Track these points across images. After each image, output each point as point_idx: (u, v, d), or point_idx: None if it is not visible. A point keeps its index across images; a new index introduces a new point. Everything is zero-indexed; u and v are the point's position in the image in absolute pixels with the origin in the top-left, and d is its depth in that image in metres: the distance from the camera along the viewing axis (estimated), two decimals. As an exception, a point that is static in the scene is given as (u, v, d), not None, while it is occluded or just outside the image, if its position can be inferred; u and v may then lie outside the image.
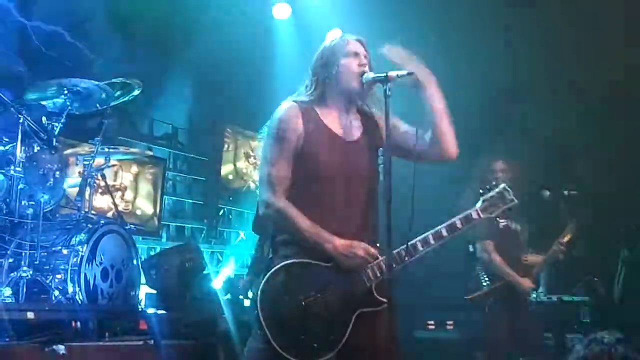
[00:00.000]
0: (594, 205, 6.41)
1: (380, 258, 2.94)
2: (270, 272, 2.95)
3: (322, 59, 3.13)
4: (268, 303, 2.91)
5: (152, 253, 6.98)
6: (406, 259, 2.95)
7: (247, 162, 8.60)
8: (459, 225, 3.05)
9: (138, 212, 6.95)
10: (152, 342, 4.55)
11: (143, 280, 5.57)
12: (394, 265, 2.86)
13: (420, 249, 2.99)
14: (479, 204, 3.12)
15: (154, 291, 5.64)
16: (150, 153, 7.03)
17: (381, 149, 2.95)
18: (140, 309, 5.20)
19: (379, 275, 2.94)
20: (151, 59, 6.99)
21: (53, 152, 4.73)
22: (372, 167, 3.07)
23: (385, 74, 2.95)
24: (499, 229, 5.21)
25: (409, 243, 2.96)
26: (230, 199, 8.49)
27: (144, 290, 5.83)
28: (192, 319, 5.13)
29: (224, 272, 7.61)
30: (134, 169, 6.84)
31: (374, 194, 3.05)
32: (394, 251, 2.89)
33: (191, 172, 8.35)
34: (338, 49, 3.11)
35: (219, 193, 8.35)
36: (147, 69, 6.73)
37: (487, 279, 5.19)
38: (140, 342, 4.55)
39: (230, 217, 8.64)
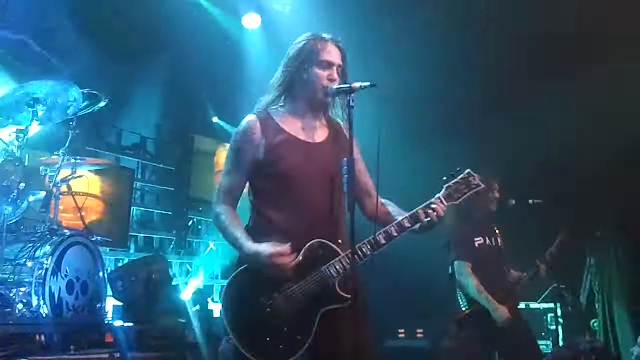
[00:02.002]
0: (558, 214, 6.51)
1: (342, 254, 2.95)
2: (232, 276, 2.99)
3: (298, 58, 3.12)
4: (232, 307, 2.94)
5: (119, 264, 6.91)
6: (369, 253, 2.96)
7: (218, 172, 8.57)
8: (422, 215, 3.02)
9: (105, 223, 6.86)
10: (118, 354, 4.49)
11: (110, 292, 5.51)
12: (358, 261, 2.86)
13: (383, 242, 2.99)
14: (442, 192, 3.08)
15: (120, 303, 5.57)
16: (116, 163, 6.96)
17: (344, 159, 2.95)
18: (106, 322, 5.14)
19: (341, 272, 2.93)
20: (119, 68, 6.93)
21: (17, 163, 4.67)
22: (336, 167, 3.00)
23: (349, 86, 2.98)
24: (474, 248, 5.10)
25: (373, 236, 2.97)
26: (200, 209, 8.44)
27: (111, 303, 5.79)
28: (159, 331, 5.08)
29: (193, 283, 7.56)
30: (101, 179, 6.76)
31: (340, 193, 3.03)
32: (357, 245, 2.86)
33: (160, 182, 8.29)
34: (314, 55, 3.09)
35: (188, 203, 8.30)
36: (115, 78, 6.70)
37: (465, 301, 5.08)
38: (106, 355, 4.50)
39: (200, 227, 8.59)
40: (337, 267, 2.94)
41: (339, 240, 2.98)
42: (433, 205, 3.04)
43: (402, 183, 4.45)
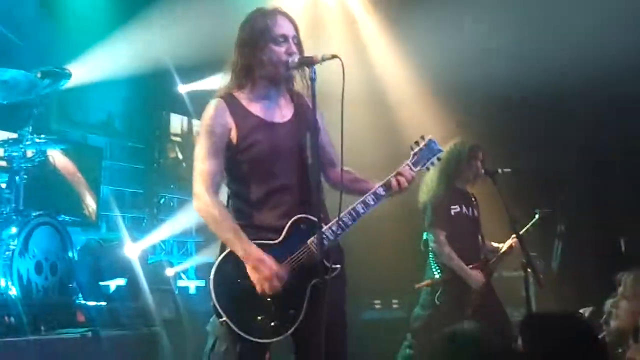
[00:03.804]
0: (529, 182, 6.58)
1: (325, 227, 2.96)
2: (219, 258, 2.97)
3: (251, 41, 3.07)
4: (221, 289, 2.91)
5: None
6: (350, 223, 3.01)
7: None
8: (394, 183, 3.10)
9: (75, 203, 6.78)
10: (90, 334, 4.47)
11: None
12: (332, 237, 2.96)
13: (362, 211, 3.05)
14: (409, 159, 3.20)
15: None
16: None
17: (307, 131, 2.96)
18: (77, 301, 5.10)
19: (326, 244, 2.93)
20: (83, 45, 6.80)
21: (-22, 144, 4.58)
22: (305, 146, 3.06)
23: (310, 57, 2.96)
24: (451, 216, 5.07)
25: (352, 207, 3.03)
26: (172, 187, 8.37)
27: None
28: (132, 309, 5.06)
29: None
30: (69, 158, 6.65)
31: (308, 171, 3.05)
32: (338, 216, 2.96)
33: (129, 160, 8.19)
34: (267, 33, 3.05)
35: (159, 181, 8.22)
36: (80, 55, 6.58)
37: (439, 269, 5.06)
38: (78, 335, 4.48)
39: (172, 205, 8.52)
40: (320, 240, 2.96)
41: (320, 216, 2.96)
42: (402, 172, 3.13)
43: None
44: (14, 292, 4.49)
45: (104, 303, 5.34)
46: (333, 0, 7.93)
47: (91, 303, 5.28)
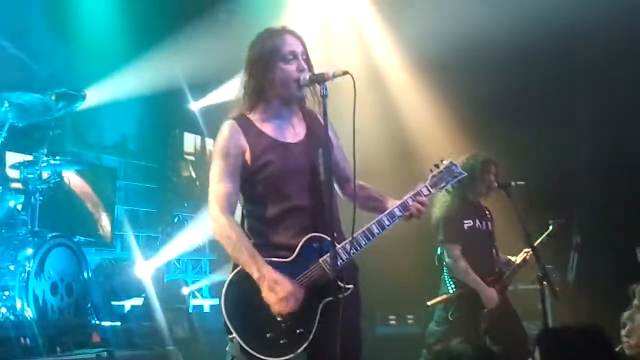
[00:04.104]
0: (543, 194, 6.55)
1: (338, 246, 2.96)
2: (231, 275, 2.97)
3: (260, 61, 3.10)
4: (232, 305, 2.92)
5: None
6: (364, 243, 3.01)
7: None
8: (410, 204, 3.11)
9: (89, 223, 6.83)
10: (105, 354, 4.48)
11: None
12: (346, 256, 2.95)
13: (377, 231, 3.05)
14: (427, 180, 3.21)
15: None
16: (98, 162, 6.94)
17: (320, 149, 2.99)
18: (93, 322, 5.11)
19: (337, 263, 2.93)
20: (97, 67, 6.88)
21: (-6, 166, 4.63)
22: (318, 165, 3.08)
23: (321, 74, 2.99)
24: (464, 231, 5.03)
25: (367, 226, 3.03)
26: (185, 205, 8.40)
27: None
28: (147, 328, 5.07)
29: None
30: (84, 179, 6.71)
31: (320, 189, 3.06)
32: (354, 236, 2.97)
33: (143, 180, 8.24)
34: (275, 52, 3.08)
35: (172, 200, 8.26)
36: (94, 78, 6.66)
37: (453, 284, 5.01)
38: (93, 355, 4.49)
39: (186, 223, 8.55)
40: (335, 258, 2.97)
41: (334, 234, 2.98)
42: (420, 194, 3.15)
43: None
44: (29, 313, 4.51)
45: (118, 323, 5.35)
46: (344, 15, 7.96)
47: (106, 323, 5.30)
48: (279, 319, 2.88)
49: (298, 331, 2.91)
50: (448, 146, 6.60)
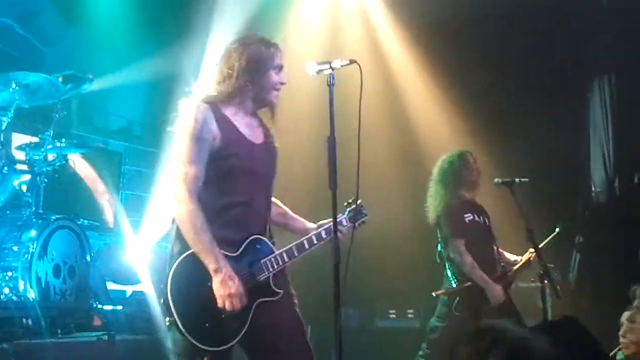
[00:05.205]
0: (545, 192, 6.54)
1: (276, 252, 3.16)
2: (175, 263, 3.01)
3: (249, 63, 3.18)
4: (176, 293, 2.97)
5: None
6: (296, 255, 3.24)
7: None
8: (323, 235, 3.31)
9: (93, 207, 6.83)
10: (106, 337, 4.50)
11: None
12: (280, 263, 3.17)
13: (307, 247, 3.28)
14: (345, 213, 3.44)
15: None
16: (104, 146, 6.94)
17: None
18: (94, 305, 5.14)
19: (275, 267, 3.14)
20: (105, 51, 6.88)
21: (0, 147, 4.64)
22: (274, 167, 3.31)
23: (329, 63, 3.07)
24: (466, 224, 5.04)
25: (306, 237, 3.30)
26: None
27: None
28: (148, 313, 5.08)
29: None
30: (89, 163, 6.71)
31: (271, 193, 3.32)
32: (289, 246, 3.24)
33: (147, 165, 8.24)
34: (269, 60, 3.22)
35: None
36: (101, 61, 6.66)
37: (456, 280, 5.01)
38: (94, 339, 4.51)
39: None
40: (273, 262, 3.14)
41: (272, 238, 3.24)
42: (340, 227, 3.31)
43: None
44: (32, 294, 4.53)
45: (120, 307, 5.37)
46: (352, 5, 7.94)
47: (108, 307, 5.32)
48: (219, 310, 2.96)
49: (234, 325, 3.02)
50: (453, 141, 6.58)
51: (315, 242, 3.28)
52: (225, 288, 2.94)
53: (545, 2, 6.95)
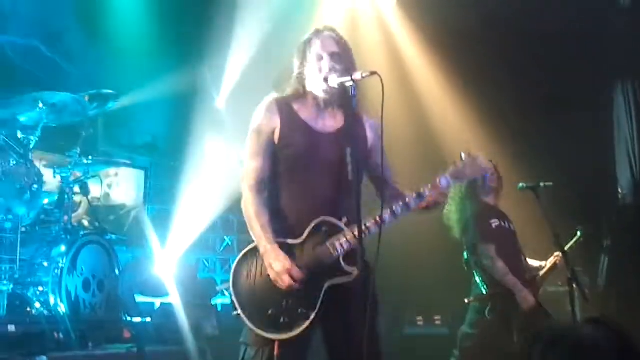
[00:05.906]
0: (572, 196, 6.49)
1: (346, 229, 3.03)
2: (240, 254, 3.10)
3: (297, 54, 3.27)
4: (239, 283, 3.03)
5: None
6: (373, 229, 3.04)
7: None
8: (426, 193, 3.15)
9: (120, 222, 6.93)
10: (135, 350, 4.56)
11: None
12: (352, 242, 2.98)
13: (388, 219, 3.09)
14: (447, 171, 3.23)
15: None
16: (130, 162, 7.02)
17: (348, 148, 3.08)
18: (124, 318, 5.20)
19: (345, 247, 3.01)
20: (129, 69, 6.98)
21: (29, 165, 4.74)
22: (345, 157, 3.13)
23: (349, 77, 3.06)
24: (494, 230, 5.01)
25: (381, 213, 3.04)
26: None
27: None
28: (177, 325, 5.14)
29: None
30: (115, 178, 6.83)
31: (346, 180, 3.11)
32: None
33: (173, 180, 8.32)
34: (308, 49, 3.23)
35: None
36: (125, 79, 6.75)
37: (486, 286, 4.99)
38: (124, 351, 4.57)
39: (216, 223, 8.61)
40: (342, 241, 3.02)
41: (344, 219, 3.07)
42: (438, 183, 3.18)
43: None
44: (62, 308, 4.60)
45: (149, 319, 5.43)
46: (370, 13, 7.98)
47: (137, 319, 5.39)
48: (281, 296, 2.95)
49: (299, 311, 2.98)
50: (474, 147, 6.55)
51: (388, 219, 3.07)
52: (272, 268, 2.95)
53: (567, 4, 6.93)
